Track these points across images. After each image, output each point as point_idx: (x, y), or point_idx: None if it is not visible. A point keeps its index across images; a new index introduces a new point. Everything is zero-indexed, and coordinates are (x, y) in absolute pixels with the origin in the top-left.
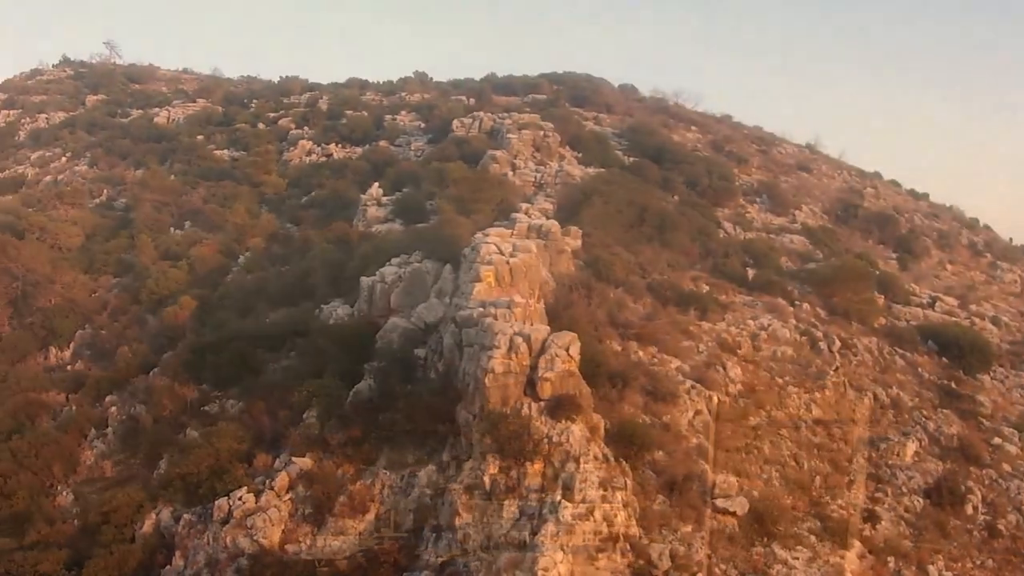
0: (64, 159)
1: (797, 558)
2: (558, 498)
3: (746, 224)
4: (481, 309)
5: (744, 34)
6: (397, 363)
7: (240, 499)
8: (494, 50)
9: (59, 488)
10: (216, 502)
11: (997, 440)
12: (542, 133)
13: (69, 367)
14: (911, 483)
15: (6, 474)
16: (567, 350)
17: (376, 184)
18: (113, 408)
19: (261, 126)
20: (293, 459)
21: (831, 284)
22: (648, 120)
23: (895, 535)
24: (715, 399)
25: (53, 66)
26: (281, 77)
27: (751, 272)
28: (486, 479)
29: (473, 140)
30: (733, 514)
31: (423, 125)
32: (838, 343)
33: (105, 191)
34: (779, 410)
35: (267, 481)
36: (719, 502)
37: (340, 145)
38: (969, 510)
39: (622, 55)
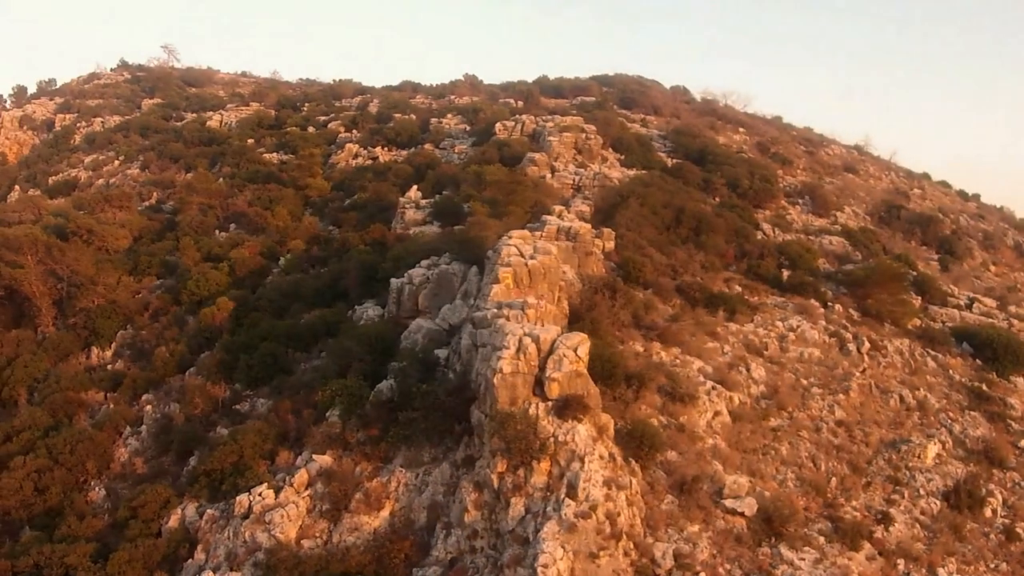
0: (117, 162)
1: (803, 559)
2: (562, 496)
3: (785, 226)
4: (495, 310)
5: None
6: (417, 363)
7: (260, 495)
8: (557, 51)
9: (92, 484)
10: (237, 498)
11: None
12: (584, 135)
13: (109, 367)
14: (930, 485)
15: (41, 470)
16: (575, 351)
17: (415, 187)
18: (148, 407)
19: (311, 129)
20: (314, 456)
21: (864, 285)
22: (694, 122)
23: (908, 537)
24: (736, 400)
25: (111, 70)
26: (334, 80)
27: (786, 274)
28: (494, 477)
29: (514, 143)
30: (742, 515)
31: (468, 128)
32: (867, 345)
33: (155, 194)
34: (801, 411)
35: (287, 478)
36: (728, 503)
37: (386, 148)
38: (988, 513)
39: (682, 56)
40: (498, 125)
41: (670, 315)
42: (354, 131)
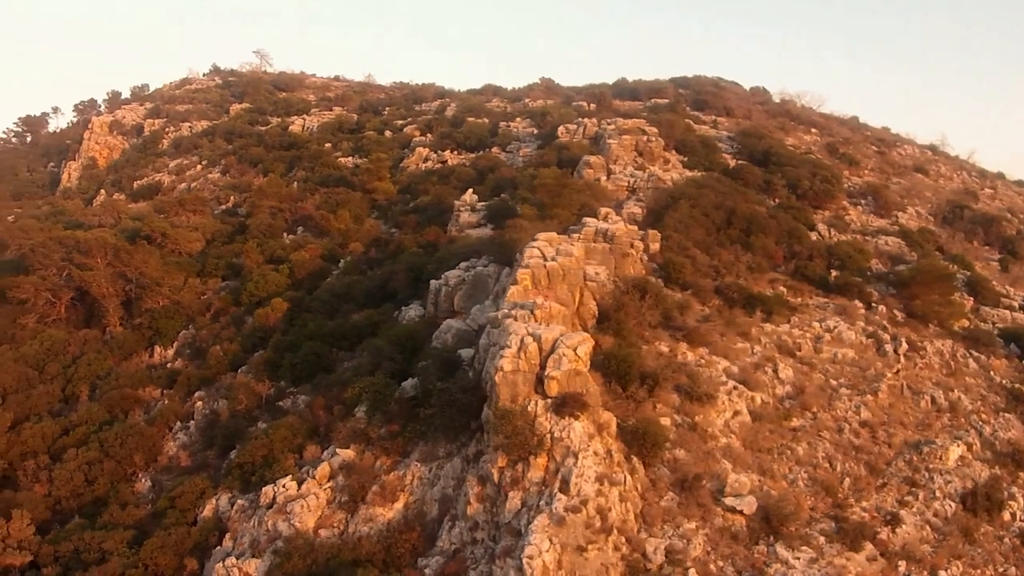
0: (199, 167)
1: (799, 558)
2: (555, 491)
3: (842, 226)
4: (506, 311)
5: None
6: (440, 362)
7: (284, 487)
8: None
9: (140, 475)
10: (263, 489)
11: None
12: (645, 138)
13: (169, 365)
14: (948, 488)
15: (92, 462)
16: (575, 350)
17: (470, 190)
18: (199, 403)
19: (387, 134)
20: (337, 451)
21: (910, 286)
22: (764, 123)
23: (916, 539)
24: (758, 400)
25: (203, 75)
26: (416, 83)
27: (834, 275)
28: (495, 472)
29: (573, 146)
30: (741, 513)
31: (536, 131)
32: (905, 346)
33: (232, 197)
34: (826, 412)
35: (310, 470)
36: (728, 501)
37: (455, 152)
38: (1007, 516)
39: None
40: (561, 128)
41: (705, 315)
42: (428, 135)
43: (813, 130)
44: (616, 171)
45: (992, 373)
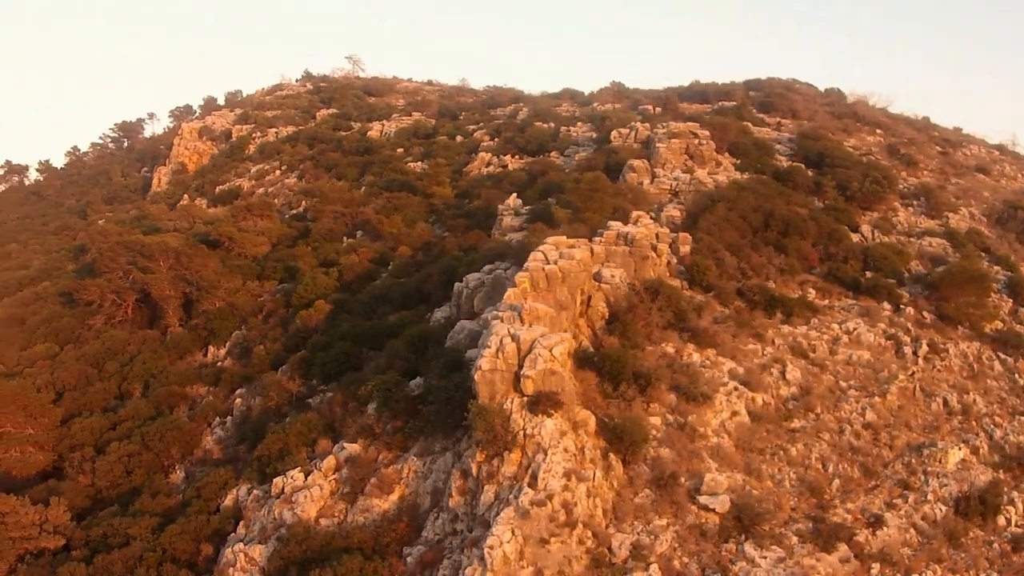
0: (278, 172)
1: (766, 557)
2: (524, 485)
3: (887, 228)
4: (496, 312)
5: None
6: (446, 362)
7: (292, 478)
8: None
9: (176, 467)
10: (274, 480)
11: None
12: (696, 141)
13: (219, 364)
14: (942, 491)
15: (132, 454)
16: (551, 351)
17: (514, 195)
18: (238, 399)
19: (459, 138)
20: (345, 445)
21: (941, 287)
22: (827, 124)
23: (898, 542)
24: (759, 401)
25: (295, 81)
26: (491, 87)
27: (868, 275)
28: (474, 466)
29: (623, 150)
30: (714, 511)
31: (595, 135)
32: (925, 348)
33: (304, 202)
34: (831, 413)
35: (317, 463)
36: (702, 499)
37: (517, 156)
38: (1001, 521)
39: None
40: (614, 133)
41: (722, 317)
42: (496, 139)
43: (878, 131)
44: (660, 174)
45: (1017, 376)
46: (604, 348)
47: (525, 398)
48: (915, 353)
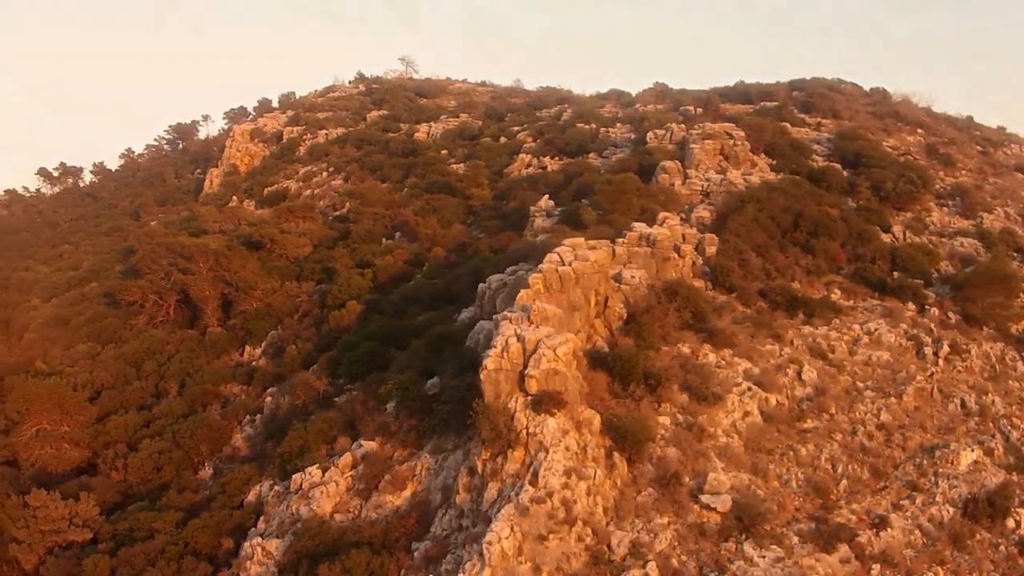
0: (325, 173)
1: (764, 556)
2: (525, 483)
3: (920, 228)
4: (506, 313)
5: None
6: (462, 361)
7: (310, 474)
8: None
9: (204, 464)
10: (293, 476)
11: None
12: (732, 142)
13: (254, 363)
14: (951, 493)
15: (163, 451)
16: (555, 350)
17: (546, 196)
18: (269, 398)
19: (502, 140)
20: (362, 442)
21: (966, 288)
22: (867, 124)
23: (900, 543)
24: (772, 401)
25: (348, 83)
26: (542, 87)
27: (896, 275)
28: (479, 464)
29: (658, 151)
30: (715, 510)
31: (633, 137)
32: (946, 349)
33: (347, 204)
34: (845, 414)
35: (335, 460)
36: (704, 498)
37: (556, 158)
38: (1011, 524)
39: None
40: (649, 134)
41: (743, 318)
42: (538, 141)
43: (919, 131)
44: (692, 175)
45: None
46: (618, 348)
47: (529, 397)
48: (935, 354)
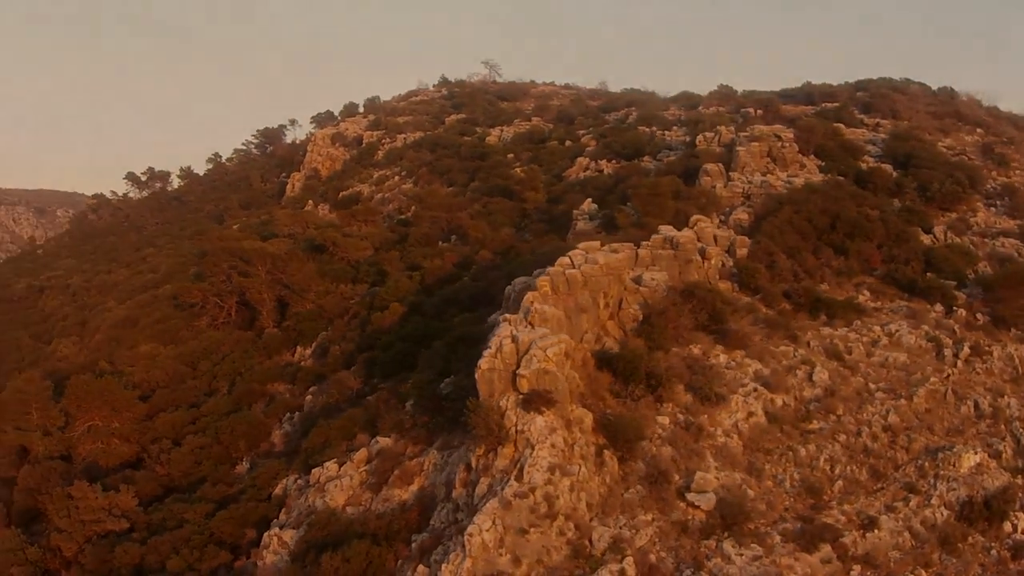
0: (397, 177)
1: (742, 554)
2: (511, 479)
3: (962, 229)
4: (506, 315)
5: None
6: (471, 361)
7: (327, 468)
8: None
9: (242, 459)
10: (313, 470)
11: None
12: (779, 144)
13: (303, 363)
14: (948, 495)
15: (204, 446)
16: (546, 351)
17: (588, 199)
18: (309, 397)
19: (568, 143)
20: (378, 439)
21: (995, 288)
22: (923, 124)
23: (886, 545)
24: (779, 402)
25: (432, 86)
26: (628, 89)
27: (928, 277)
28: (474, 459)
29: (705, 154)
30: (699, 508)
31: (687, 139)
32: (967, 350)
33: (413, 208)
34: (852, 415)
35: (351, 455)
36: (690, 496)
37: (614, 161)
38: (1007, 528)
39: None
40: (699, 137)
41: (755, 319)
42: (599, 144)
43: (978, 130)
44: (735, 178)
45: None
46: (625, 349)
47: (520, 396)
48: (955, 355)
